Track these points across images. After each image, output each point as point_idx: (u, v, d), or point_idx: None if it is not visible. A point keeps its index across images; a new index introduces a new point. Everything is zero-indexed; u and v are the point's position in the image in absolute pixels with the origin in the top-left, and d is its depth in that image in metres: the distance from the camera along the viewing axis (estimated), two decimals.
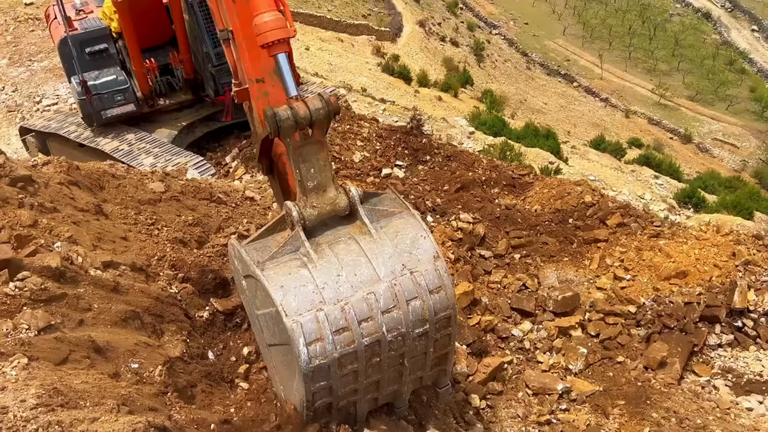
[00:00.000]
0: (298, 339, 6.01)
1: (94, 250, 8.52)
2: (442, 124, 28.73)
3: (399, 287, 6.47)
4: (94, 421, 4.63)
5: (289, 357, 6.44)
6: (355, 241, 6.70)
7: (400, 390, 7.31)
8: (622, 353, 10.76)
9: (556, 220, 14.25)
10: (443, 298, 6.71)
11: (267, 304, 6.41)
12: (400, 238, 6.76)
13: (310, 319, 6.11)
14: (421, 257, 6.68)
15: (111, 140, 17.87)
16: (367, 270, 6.49)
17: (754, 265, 12.07)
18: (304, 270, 6.35)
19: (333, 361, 6.19)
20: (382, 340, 6.41)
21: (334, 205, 6.84)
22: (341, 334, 6.19)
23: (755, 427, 9.38)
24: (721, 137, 55.04)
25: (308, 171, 6.82)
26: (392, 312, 6.44)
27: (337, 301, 6.25)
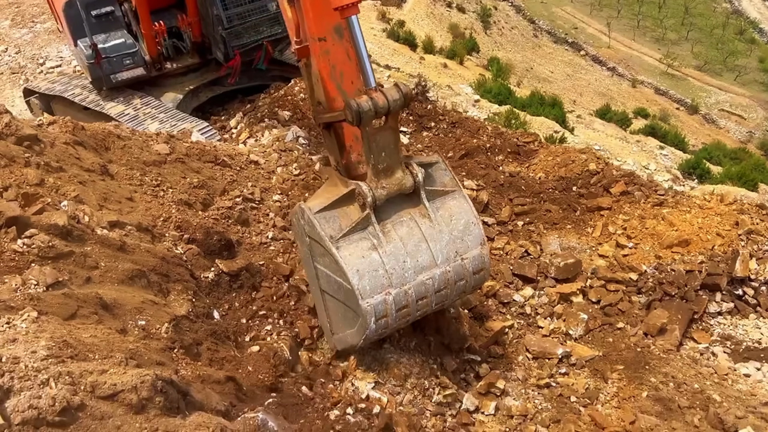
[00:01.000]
0: (370, 318, 7.35)
1: (101, 209, 8.58)
2: (448, 92, 28.52)
3: (451, 273, 7.83)
4: (103, 372, 4.73)
5: (350, 315, 7.74)
6: (416, 224, 7.75)
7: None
8: (623, 319, 10.86)
9: (559, 187, 14.24)
10: (483, 277, 8.35)
11: (336, 272, 7.53)
12: (454, 224, 7.90)
13: (380, 301, 7.38)
14: (471, 244, 7.94)
15: (117, 104, 17.76)
16: (427, 256, 7.68)
17: (756, 234, 12.09)
18: (375, 254, 7.43)
19: (391, 328, 7.81)
20: (429, 310, 8.04)
21: (401, 185, 7.68)
22: (401, 311, 7.57)
23: (752, 393, 9.51)
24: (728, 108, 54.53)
25: (380, 154, 7.49)
26: (443, 291, 7.86)
27: (402, 285, 7.50)
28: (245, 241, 10.48)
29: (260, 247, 10.55)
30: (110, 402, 4.50)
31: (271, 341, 9.13)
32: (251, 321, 9.38)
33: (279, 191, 12.05)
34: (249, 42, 17.99)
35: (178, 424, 4.73)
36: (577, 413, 9.14)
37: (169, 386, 5.03)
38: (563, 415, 9.03)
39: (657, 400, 9.29)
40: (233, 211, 10.82)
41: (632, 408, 9.18)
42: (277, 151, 13.45)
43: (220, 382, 6.82)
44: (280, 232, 11.07)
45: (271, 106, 16.61)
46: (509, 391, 9.40)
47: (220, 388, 6.71)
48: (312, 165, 13.15)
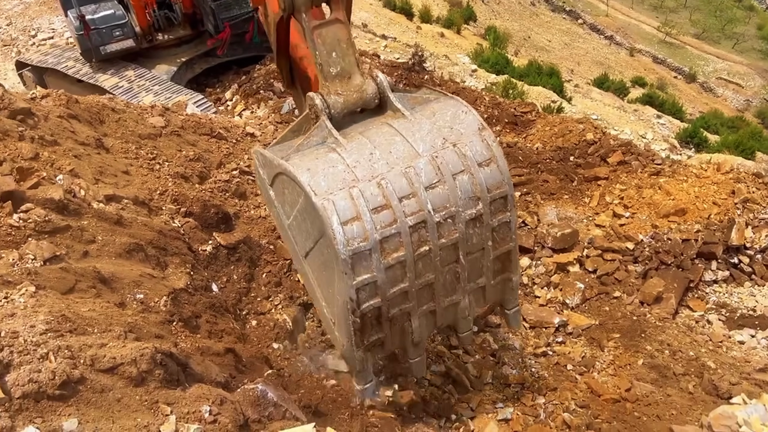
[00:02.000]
0: (331, 217, 5.30)
1: (96, 183, 8.54)
2: (445, 62, 28.26)
3: (442, 160, 5.70)
4: (103, 346, 4.75)
5: (325, 255, 5.74)
6: (387, 124, 6.00)
7: (460, 304, 6.39)
8: (619, 288, 10.93)
9: (557, 158, 14.24)
10: (495, 171, 5.87)
11: (296, 199, 5.81)
12: (438, 116, 6.01)
13: (343, 196, 5.39)
14: (464, 130, 5.90)
15: (110, 76, 17.64)
16: (404, 147, 5.74)
17: (752, 202, 12.12)
18: (333, 154, 5.70)
19: (374, 245, 5.43)
20: (428, 221, 5.63)
21: (361, 92, 6.15)
22: (380, 212, 5.46)
23: (746, 360, 9.62)
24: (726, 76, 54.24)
25: (329, 55, 6.15)
26: (437, 187, 5.65)
27: (372, 178, 5.52)
28: (243, 214, 10.47)
29: (258, 220, 10.54)
30: (110, 375, 4.53)
31: (275, 312, 9.20)
32: (251, 293, 9.43)
33: None
34: (239, 14, 17.79)
35: (178, 396, 4.77)
36: (573, 381, 9.24)
37: (169, 359, 5.06)
38: (560, 383, 9.13)
39: (652, 367, 9.40)
40: (230, 183, 10.79)
41: (628, 375, 9.28)
42: (273, 123, 13.40)
43: (219, 354, 6.85)
44: None
45: (267, 77, 16.51)
46: (506, 360, 9.49)
47: (220, 360, 6.75)
48: None
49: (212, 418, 4.71)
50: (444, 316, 6.38)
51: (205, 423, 4.63)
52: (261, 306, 9.25)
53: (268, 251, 9.99)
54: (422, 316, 6.17)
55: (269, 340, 8.63)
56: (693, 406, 8.62)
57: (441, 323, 6.45)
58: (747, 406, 2.88)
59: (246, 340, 8.23)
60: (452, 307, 6.37)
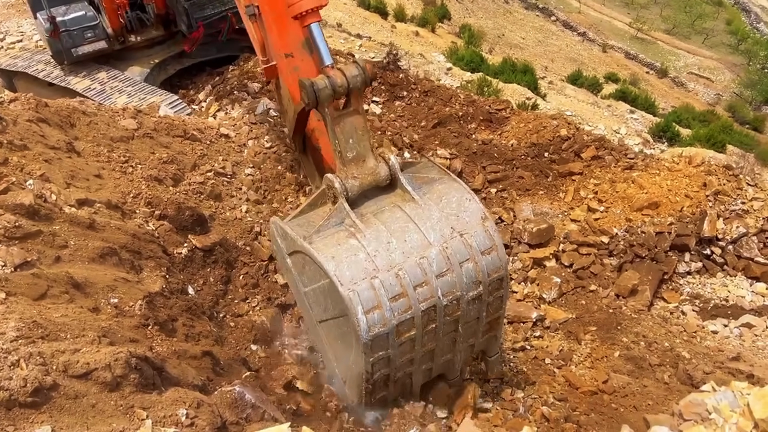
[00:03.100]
0: (356, 308, 6.02)
1: (68, 187, 8.43)
2: (420, 60, 28.28)
3: (451, 250, 6.49)
4: (76, 351, 4.70)
5: (344, 329, 6.44)
6: (399, 208, 6.73)
7: (453, 359, 7.45)
8: (595, 282, 11.04)
9: (531, 154, 14.32)
10: (495, 259, 6.73)
11: (317, 278, 6.45)
12: (445, 202, 6.75)
13: (366, 287, 6.09)
14: (469, 219, 6.68)
15: (82, 79, 17.33)
16: (417, 236, 6.47)
17: (723, 194, 12.32)
18: (353, 240, 6.34)
19: (392, 329, 6.20)
20: (437, 305, 6.44)
21: (374, 175, 6.86)
22: (398, 300, 6.21)
23: (719, 349, 9.77)
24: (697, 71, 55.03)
25: (347, 142, 6.82)
26: (446, 276, 6.44)
27: (390, 268, 6.23)
28: (218, 216, 10.39)
29: (234, 221, 10.48)
30: (84, 381, 4.47)
31: (253, 314, 9.16)
32: (228, 295, 9.38)
33: (251, 164, 11.94)
34: (212, 14, 17.61)
35: (154, 400, 4.73)
36: (551, 375, 9.32)
37: (144, 363, 5.02)
38: (538, 377, 9.21)
39: (629, 359, 9.51)
40: (205, 185, 10.71)
41: (605, 368, 9.39)
42: (247, 124, 13.30)
43: (196, 357, 6.81)
44: (253, 205, 11.00)
45: (241, 78, 16.38)
46: None
47: (197, 363, 6.71)
48: (284, 137, 13.02)
49: (189, 422, 4.68)
50: (438, 369, 7.49)
51: (182, 426, 4.60)
52: (238, 308, 9.20)
53: (244, 253, 9.94)
54: (421, 372, 7.20)
55: (247, 342, 8.60)
56: (668, 396, 8.74)
57: (435, 374, 7.56)
58: (716, 393, 2.93)
59: (223, 343, 8.18)
60: (446, 363, 7.45)
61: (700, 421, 2.93)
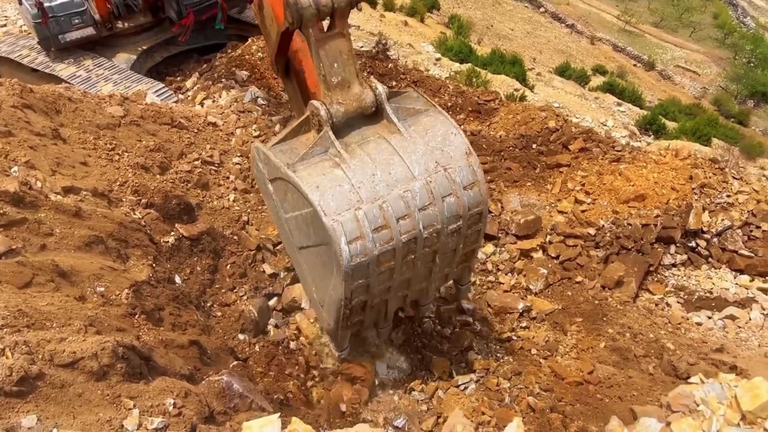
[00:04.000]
0: (340, 238, 6.05)
1: (53, 175, 8.34)
2: (409, 50, 28.19)
3: (434, 184, 6.50)
4: (62, 340, 4.66)
5: (325, 257, 6.48)
6: (385, 140, 6.65)
7: (428, 288, 7.63)
8: (581, 273, 11.10)
9: (520, 145, 14.35)
10: (476, 194, 6.75)
11: (300, 206, 6.43)
12: (430, 136, 6.72)
13: (350, 218, 6.12)
14: (454, 154, 6.67)
15: (68, 66, 17.11)
16: (401, 169, 6.47)
17: (709, 187, 12.42)
18: (338, 170, 6.32)
19: (373, 259, 6.28)
20: (418, 237, 6.51)
21: (360, 101, 6.74)
22: (380, 232, 6.27)
23: (703, 340, 9.88)
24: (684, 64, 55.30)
25: (332, 66, 6.65)
26: (428, 209, 6.50)
27: (374, 200, 6.25)
28: (206, 205, 10.33)
29: (222, 210, 10.43)
30: (70, 370, 4.44)
31: (240, 303, 9.13)
32: (215, 285, 9.33)
33: (239, 153, 11.87)
34: (202, 0, 17.45)
35: (141, 390, 4.71)
36: (537, 365, 9.38)
37: (131, 352, 4.98)
38: (524, 368, 9.27)
39: (614, 350, 9.59)
40: (192, 174, 10.64)
41: (590, 358, 9.46)
42: (235, 113, 13.21)
43: (183, 346, 6.78)
44: (241, 195, 10.94)
45: (228, 65, 16.25)
46: (472, 346, 9.58)
47: (184, 352, 6.68)
48: (272, 126, 12.96)
49: (177, 411, 4.66)
50: (413, 296, 7.63)
51: (170, 416, 4.58)
52: (226, 297, 9.17)
53: (232, 242, 9.90)
54: (396, 299, 7.35)
55: (234, 331, 8.58)
56: (653, 387, 8.83)
57: (409, 300, 7.73)
58: (704, 385, 2.96)
59: (211, 332, 8.16)
60: (420, 290, 7.60)
61: (688, 413, 2.95)
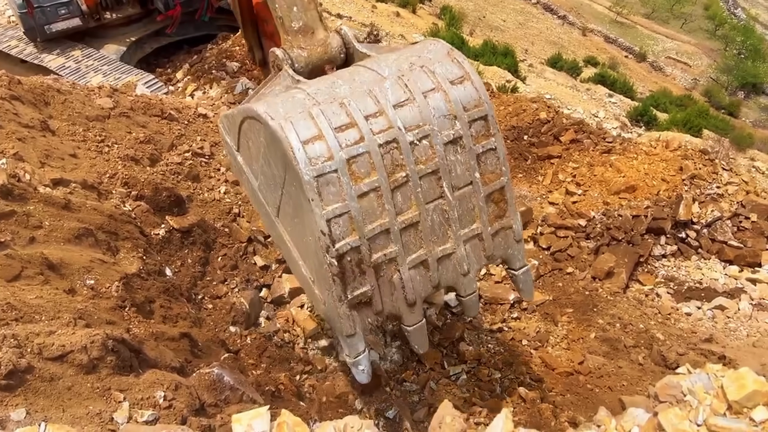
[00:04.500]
0: (289, 136, 4.75)
1: (42, 167, 8.27)
2: (400, 41, 28.14)
3: (409, 78, 5.23)
4: (51, 334, 4.63)
5: (294, 197, 5.16)
6: (353, 66, 5.66)
7: (456, 255, 5.55)
8: (572, 264, 11.16)
9: (511, 137, 14.37)
10: (469, 89, 5.32)
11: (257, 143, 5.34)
12: (406, 50, 5.62)
13: (303, 117, 4.88)
14: (432, 56, 5.46)
15: (56, 57, 17.00)
16: (368, 74, 5.31)
17: (699, 178, 12.48)
18: (294, 90, 5.31)
19: (341, 165, 4.83)
20: (400, 140, 5.04)
21: (325, 45, 5.98)
22: (345, 131, 4.90)
23: (692, 330, 9.95)
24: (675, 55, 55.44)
25: (290, 9, 5.99)
26: (406, 105, 5.13)
27: (333, 100, 5.04)
28: (197, 197, 10.29)
29: (212, 202, 10.39)
30: (59, 363, 4.42)
31: (231, 296, 9.11)
32: (206, 277, 9.31)
33: None
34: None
35: (132, 383, 4.69)
36: (528, 356, 9.43)
37: (121, 345, 4.97)
38: (515, 358, 9.31)
39: (604, 340, 9.65)
40: (183, 166, 10.58)
41: (581, 349, 9.52)
42: (226, 104, 13.16)
43: (174, 339, 6.76)
44: (232, 186, 10.90)
45: (219, 57, 16.18)
46: (463, 337, 9.61)
47: (175, 345, 6.66)
48: None
49: (167, 404, 4.65)
50: (439, 270, 5.54)
51: (160, 409, 4.57)
52: (217, 290, 9.15)
53: (223, 234, 9.87)
54: (412, 267, 5.38)
55: (226, 323, 8.57)
56: (643, 377, 8.90)
57: (437, 281, 5.57)
58: (691, 375, 2.98)
59: (202, 325, 8.14)
60: (447, 260, 5.54)
61: (675, 403, 2.98)
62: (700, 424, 2.80)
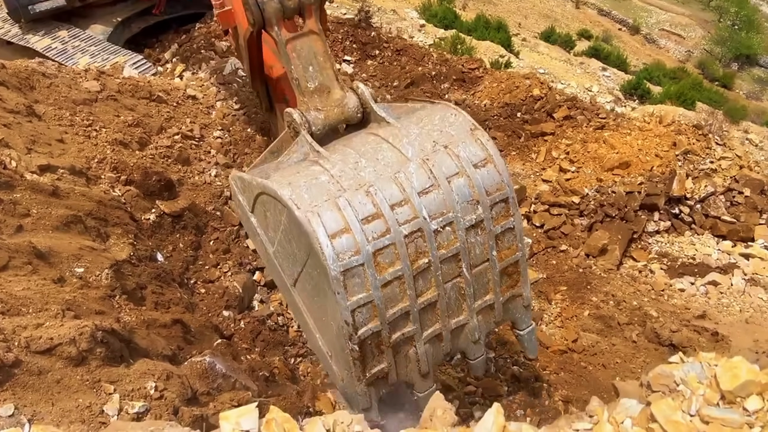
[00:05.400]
0: (318, 230, 4.75)
1: (29, 153, 8.16)
2: (392, 17, 27.79)
3: (433, 163, 5.21)
4: (39, 326, 4.58)
5: (316, 280, 5.16)
6: (372, 134, 5.60)
7: (469, 326, 5.73)
8: (565, 242, 11.15)
9: (504, 114, 14.26)
10: (492, 172, 5.34)
11: (278, 221, 5.31)
12: (426, 121, 5.58)
13: (329, 207, 4.86)
14: (455, 132, 5.42)
15: (42, 38, 16.67)
16: (391, 153, 5.25)
17: (693, 154, 12.43)
18: (315, 167, 5.26)
19: (368, 258, 4.87)
20: (425, 229, 5.09)
21: (342, 106, 5.86)
22: (371, 222, 4.91)
23: (686, 307, 9.98)
24: (669, 27, 55.07)
25: (306, 69, 5.86)
26: (431, 192, 5.14)
27: (359, 187, 4.99)
28: (187, 181, 10.19)
29: (203, 186, 10.29)
30: (48, 356, 4.38)
31: (224, 280, 9.07)
32: (199, 261, 9.26)
33: (220, 127, 11.69)
34: None
35: (122, 374, 4.66)
36: None
37: (111, 336, 4.93)
38: (509, 337, 9.31)
39: (598, 318, 9.67)
40: (172, 149, 10.47)
41: (575, 327, 9.54)
42: (215, 85, 12.97)
43: (166, 325, 6.73)
44: (223, 169, 10.80)
45: (208, 36, 15.93)
46: None
47: (167, 331, 6.63)
48: (253, 99, 12.75)
49: (158, 394, 4.63)
50: (451, 341, 5.70)
51: (151, 399, 4.55)
52: (209, 274, 9.11)
53: (214, 218, 9.80)
54: (428, 341, 5.53)
55: (219, 308, 8.54)
56: (636, 354, 8.93)
57: (449, 349, 5.77)
58: (684, 365, 2.96)
59: (194, 310, 8.11)
60: (459, 330, 5.72)
61: (668, 393, 2.96)
62: (693, 415, 2.78)
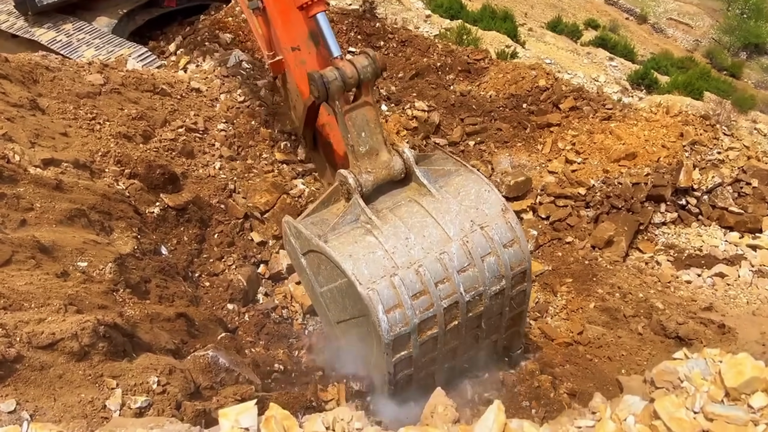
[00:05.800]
0: (377, 307, 5.94)
1: (32, 147, 8.15)
2: (398, 7, 27.61)
3: (472, 244, 6.39)
4: (41, 321, 4.58)
5: (364, 330, 6.39)
6: (416, 203, 6.65)
7: (476, 356, 7.40)
8: (571, 234, 11.08)
9: (510, 105, 14.15)
10: (517, 252, 6.62)
11: (334, 278, 6.38)
12: (463, 195, 6.66)
13: (386, 285, 6.02)
14: (489, 211, 6.59)
15: (47, 30, 16.69)
16: (436, 230, 6.39)
17: (700, 144, 12.32)
18: (370, 237, 6.37)
19: (414, 328, 6.13)
20: (460, 301, 6.36)
21: (389, 168, 6.78)
22: (419, 298, 6.15)
23: (692, 299, 9.91)
24: (676, 17, 54.57)
25: (359, 135, 6.71)
26: (468, 271, 6.38)
27: (410, 265, 6.16)
28: (191, 174, 10.17)
29: (207, 179, 10.27)
30: (50, 351, 4.37)
31: (228, 273, 9.07)
32: (203, 254, 9.25)
33: (224, 120, 11.66)
34: None
35: (125, 368, 4.66)
36: (527, 327, 9.39)
37: (113, 330, 4.92)
38: None
39: (604, 310, 9.62)
40: (176, 142, 10.45)
41: (580, 319, 9.49)
42: (219, 77, 12.93)
43: (170, 319, 6.73)
44: (227, 162, 10.78)
45: (212, 28, 15.86)
46: None
47: (171, 325, 6.63)
48: (257, 90, 12.70)
49: (161, 389, 4.62)
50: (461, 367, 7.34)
51: (154, 394, 4.54)
52: (214, 267, 9.11)
53: (219, 211, 9.78)
54: (443, 371, 7.04)
55: (223, 301, 8.54)
56: (642, 347, 8.88)
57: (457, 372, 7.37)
58: (688, 361, 2.93)
59: (199, 303, 8.11)
60: (468, 360, 7.31)
61: (671, 389, 2.92)
62: (697, 412, 2.74)
